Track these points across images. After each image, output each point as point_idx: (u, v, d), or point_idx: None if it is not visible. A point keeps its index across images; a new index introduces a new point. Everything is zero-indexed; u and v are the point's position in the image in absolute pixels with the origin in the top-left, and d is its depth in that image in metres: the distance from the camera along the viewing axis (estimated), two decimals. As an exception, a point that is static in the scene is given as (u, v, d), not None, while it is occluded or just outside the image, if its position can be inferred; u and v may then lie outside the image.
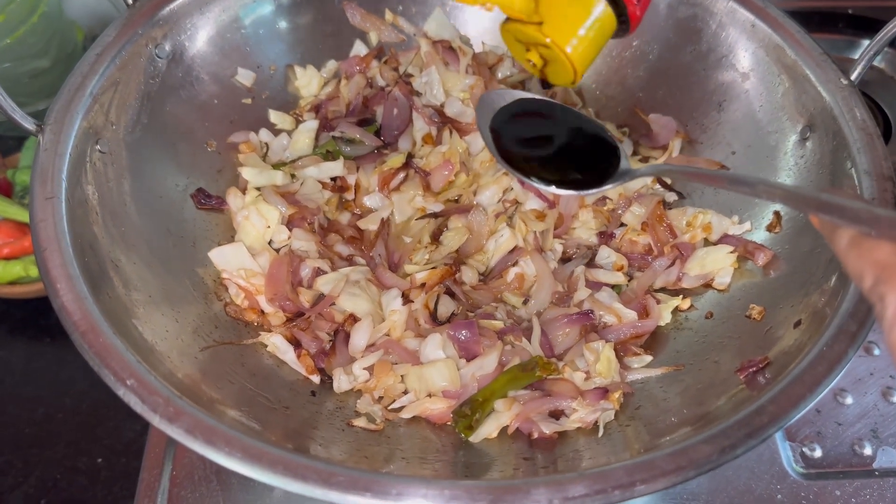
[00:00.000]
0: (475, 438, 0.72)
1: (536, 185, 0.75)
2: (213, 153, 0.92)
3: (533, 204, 0.91)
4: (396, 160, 0.92)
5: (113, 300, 0.67)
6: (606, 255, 0.89)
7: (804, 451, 0.87)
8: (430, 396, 0.76)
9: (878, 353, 0.95)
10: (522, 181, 0.75)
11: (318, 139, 0.96)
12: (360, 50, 1.03)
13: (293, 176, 0.92)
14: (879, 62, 1.25)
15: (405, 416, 0.75)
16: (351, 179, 0.93)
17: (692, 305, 0.84)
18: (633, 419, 0.73)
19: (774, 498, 0.83)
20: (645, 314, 0.83)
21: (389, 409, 0.76)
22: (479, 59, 1.02)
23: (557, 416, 0.75)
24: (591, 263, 0.89)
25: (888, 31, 0.78)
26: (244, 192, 0.89)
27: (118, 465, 0.91)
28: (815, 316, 0.69)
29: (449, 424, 0.75)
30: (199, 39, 0.90)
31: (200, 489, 0.82)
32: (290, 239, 0.86)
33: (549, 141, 0.79)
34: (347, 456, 0.66)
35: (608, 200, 0.92)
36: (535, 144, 0.79)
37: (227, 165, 0.93)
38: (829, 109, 0.79)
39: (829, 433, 0.89)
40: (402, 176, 0.93)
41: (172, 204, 0.85)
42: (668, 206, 0.92)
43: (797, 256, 0.79)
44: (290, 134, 0.97)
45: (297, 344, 0.80)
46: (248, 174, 0.90)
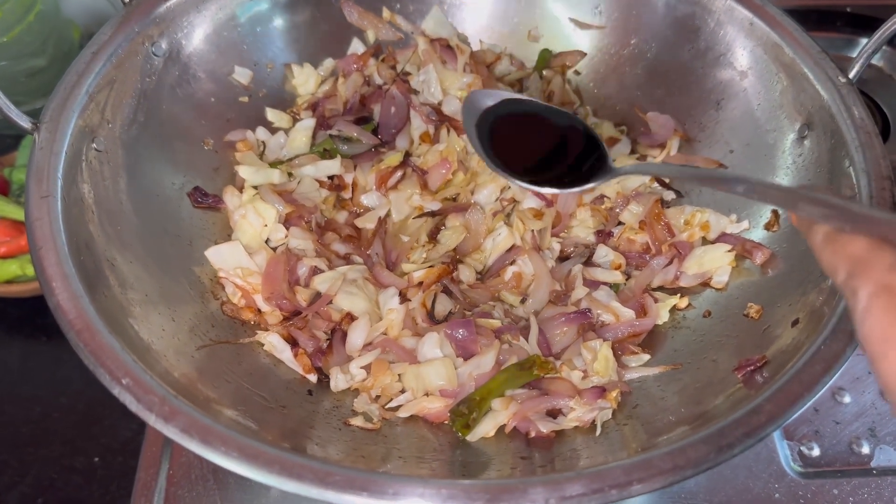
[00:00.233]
0: (472, 437, 0.72)
1: (522, 184, 0.75)
2: (209, 151, 0.92)
3: (531, 202, 0.91)
4: (394, 158, 0.92)
5: (109, 299, 0.67)
6: (604, 253, 0.89)
7: (802, 449, 0.87)
8: (427, 395, 0.75)
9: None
10: (509, 180, 0.75)
11: (315, 137, 0.96)
12: (357, 48, 1.02)
13: (290, 174, 0.92)
14: (878, 61, 1.25)
15: (402, 415, 0.75)
16: (348, 178, 0.93)
17: (690, 304, 0.84)
18: (630, 418, 0.73)
19: (772, 497, 0.83)
20: (643, 313, 0.83)
21: (386, 408, 0.76)
22: (476, 57, 1.02)
23: (555, 415, 0.75)
24: (588, 262, 0.88)
25: (886, 29, 0.78)
26: (241, 190, 0.89)
27: (115, 464, 0.91)
28: (812, 315, 0.69)
29: (446, 423, 0.74)
30: (195, 37, 0.89)
31: (197, 488, 0.81)
32: (287, 237, 0.86)
33: (534, 140, 0.79)
34: (344, 455, 0.66)
35: (606, 199, 0.92)
36: (521, 143, 0.79)
37: (223, 164, 0.92)
38: (827, 108, 0.79)
39: (826, 432, 0.89)
40: (399, 174, 0.93)
41: (169, 202, 0.84)
42: (666, 204, 0.92)
43: (795, 255, 0.79)
44: (287, 132, 0.97)
45: (293, 343, 0.80)
46: (244, 173, 0.90)
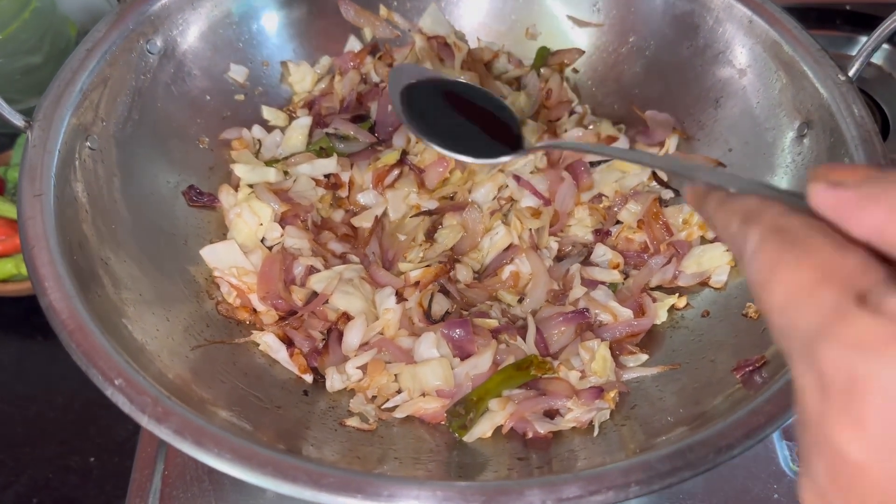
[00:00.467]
0: (469, 438, 0.72)
1: (437, 148, 0.74)
2: (205, 150, 0.91)
3: (528, 201, 0.91)
4: (391, 157, 0.92)
5: (102, 299, 0.67)
6: (602, 252, 0.88)
7: (801, 450, 0.87)
8: (423, 396, 0.75)
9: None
10: (426, 143, 0.74)
11: (311, 136, 0.95)
12: (354, 46, 1.02)
13: (286, 173, 0.92)
14: (878, 59, 1.24)
15: (399, 415, 0.74)
16: (345, 176, 0.92)
17: (688, 304, 0.84)
18: (628, 419, 0.73)
19: (771, 497, 0.83)
20: (641, 313, 0.82)
21: (383, 408, 0.75)
22: (474, 54, 1.01)
23: (552, 415, 0.74)
24: (586, 261, 0.88)
25: (886, 27, 0.77)
26: (236, 189, 0.88)
27: (110, 463, 0.90)
28: (812, 315, 0.68)
29: (443, 424, 0.74)
30: (190, 35, 0.89)
31: (192, 489, 0.81)
32: (282, 237, 0.86)
33: (457, 114, 0.78)
34: (340, 456, 0.66)
35: (604, 198, 0.91)
36: (443, 115, 0.78)
37: (219, 162, 0.92)
38: (826, 106, 0.79)
39: (826, 432, 0.88)
40: (396, 173, 0.92)
41: (163, 201, 0.84)
42: (664, 203, 0.91)
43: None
44: (283, 130, 0.96)
45: (289, 343, 0.79)
46: (240, 171, 0.89)
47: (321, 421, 0.72)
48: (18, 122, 0.73)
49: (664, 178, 0.93)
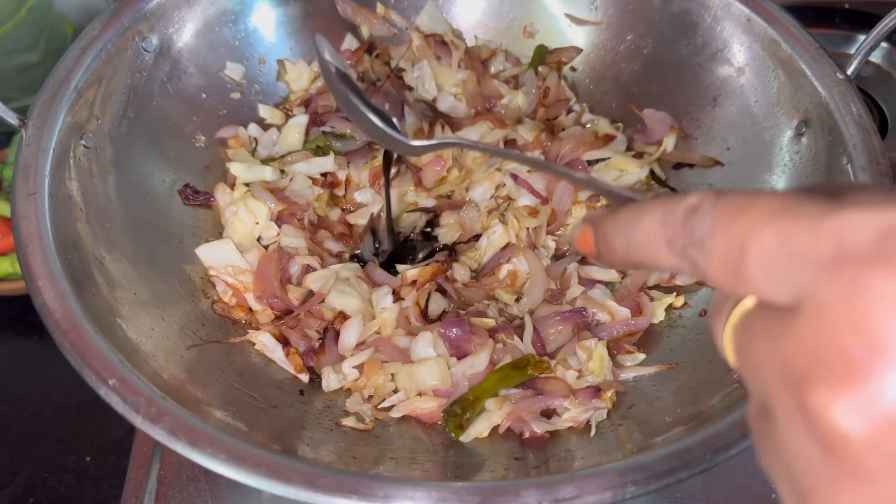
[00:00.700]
0: (466, 438, 0.71)
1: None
2: (201, 148, 0.91)
3: (526, 200, 0.90)
4: (388, 155, 0.91)
5: (97, 298, 0.66)
6: (600, 251, 0.88)
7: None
8: (420, 395, 0.75)
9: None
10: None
11: (308, 134, 0.95)
12: (351, 44, 1.01)
13: (282, 171, 0.91)
14: (876, 58, 1.24)
15: (395, 415, 0.74)
16: (341, 175, 0.92)
17: (686, 303, 0.83)
18: (625, 418, 0.72)
19: (769, 497, 0.82)
20: (638, 312, 0.82)
21: (379, 408, 0.75)
22: (471, 53, 1.01)
23: (549, 415, 0.74)
24: (584, 260, 0.87)
25: (885, 25, 0.77)
26: (232, 187, 0.88)
27: (107, 463, 0.90)
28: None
29: (439, 424, 0.74)
30: (186, 32, 0.88)
31: (188, 489, 0.81)
32: (279, 235, 0.85)
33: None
34: (336, 457, 0.65)
35: (601, 196, 0.91)
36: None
37: (215, 161, 0.91)
38: (824, 104, 0.78)
39: (824, 432, 0.88)
40: (393, 171, 0.92)
41: (159, 200, 0.83)
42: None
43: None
44: (279, 129, 0.95)
45: (285, 342, 0.79)
46: (236, 170, 0.89)
47: (317, 421, 0.72)
48: (13, 120, 0.72)
49: (662, 177, 0.93)
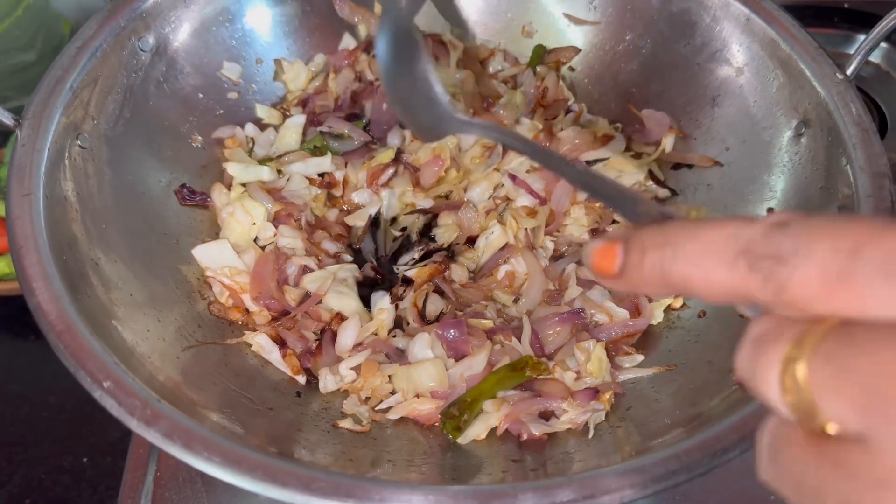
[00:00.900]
0: (463, 440, 0.71)
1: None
2: (197, 148, 0.90)
3: (524, 200, 0.90)
4: (385, 156, 0.91)
5: (92, 300, 0.66)
6: (598, 252, 0.87)
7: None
8: (417, 397, 0.74)
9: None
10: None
11: (305, 134, 0.94)
12: (348, 43, 1.01)
13: (280, 172, 0.91)
14: (876, 58, 1.23)
15: (392, 417, 0.74)
16: (339, 175, 0.91)
17: (685, 304, 0.83)
18: (624, 420, 0.72)
19: (768, 499, 0.82)
20: (637, 313, 0.81)
21: (376, 409, 0.75)
22: (469, 53, 1.00)
23: (547, 416, 0.74)
24: (582, 261, 0.87)
25: (884, 25, 0.76)
26: (229, 188, 0.87)
27: (103, 464, 0.89)
28: (809, 316, 0.68)
29: (437, 426, 0.73)
30: (183, 32, 0.88)
31: (185, 491, 0.80)
32: (276, 236, 0.85)
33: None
34: (333, 459, 0.65)
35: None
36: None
37: (212, 161, 0.91)
38: (824, 105, 0.78)
39: (823, 433, 0.88)
40: (391, 172, 0.91)
41: (155, 200, 0.83)
42: (660, 202, 0.91)
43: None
44: (276, 129, 0.95)
45: (282, 343, 0.78)
46: (233, 170, 0.88)
47: (314, 423, 0.71)
48: (8, 120, 0.72)
49: (661, 177, 0.93)
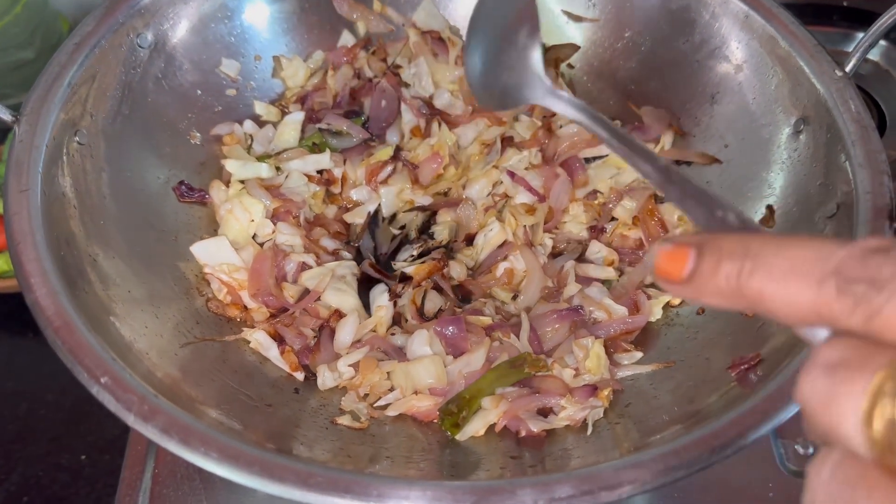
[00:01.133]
0: (462, 436, 0.71)
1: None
2: (196, 145, 0.90)
3: (523, 198, 0.90)
4: (384, 153, 0.91)
5: (89, 296, 0.66)
6: (597, 249, 0.87)
7: (797, 448, 0.86)
8: (416, 394, 0.74)
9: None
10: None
11: (304, 131, 0.94)
12: (347, 40, 1.01)
13: (278, 169, 0.91)
14: (875, 56, 1.24)
15: (391, 413, 0.74)
16: (337, 172, 0.91)
17: (683, 301, 0.83)
18: (622, 417, 0.72)
19: (766, 496, 0.82)
20: (635, 310, 0.82)
21: (375, 406, 0.74)
22: (468, 50, 1.00)
23: (546, 413, 0.74)
24: (581, 258, 0.87)
25: (882, 23, 0.76)
26: (228, 184, 0.87)
27: (101, 461, 0.89)
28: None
29: (435, 422, 0.73)
30: (181, 29, 0.88)
31: (183, 487, 0.80)
32: (274, 233, 0.85)
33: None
34: (331, 455, 0.65)
35: (599, 194, 0.91)
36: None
37: (210, 158, 0.91)
38: (823, 102, 0.78)
39: (821, 431, 0.88)
40: (390, 169, 0.91)
41: (153, 197, 0.83)
42: (659, 200, 0.91)
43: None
44: (275, 126, 0.95)
45: (280, 340, 0.78)
46: (231, 167, 0.88)
47: (312, 419, 0.71)
48: (6, 116, 0.72)
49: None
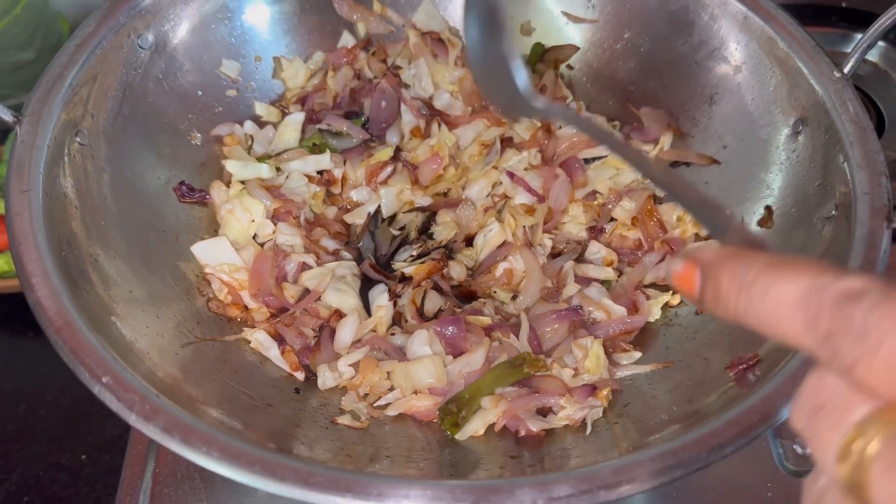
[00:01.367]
0: (461, 436, 0.71)
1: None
2: (196, 146, 0.91)
3: (522, 198, 0.90)
4: (384, 153, 0.91)
5: (91, 296, 0.66)
6: (596, 250, 0.88)
7: (795, 448, 0.86)
8: (416, 393, 0.74)
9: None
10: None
11: (304, 132, 0.94)
12: (347, 41, 1.01)
13: (278, 169, 0.91)
14: (873, 57, 1.24)
15: (391, 413, 0.74)
16: (338, 173, 0.91)
17: (682, 301, 0.83)
18: (621, 416, 0.72)
19: (765, 496, 0.82)
20: (634, 310, 0.82)
21: (375, 406, 0.75)
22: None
23: (545, 413, 0.74)
24: (580, 258, 0.88)
25: (881, 24, 0.77)
26: (228, 185, 0.88)
27: (101, 461, 0.89)
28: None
29: (435, 422, 0.73)
30: (182, 29, 0.88)
31: (183, 487, 0.80)
32: (274, 233, 0.85)
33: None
34: (331, 455, 0.65)
35: (598, 195, 0.91)
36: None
37: (210, 158, 0.91)
38: (821, 103, 0.78)
39: (820, 430, 0.88)
40: (389, 169, 0.92)
41: (154, 197, 0.83)
42: (658, 200, 0.91)
43: (789, 252, 0.78)
44: (275, 126, 0.95)
45: (280, 340, 0.78)
46: (232, 167, 0.88)
47: (312, 419, 0.71)
48: (7, 117, 0.72)
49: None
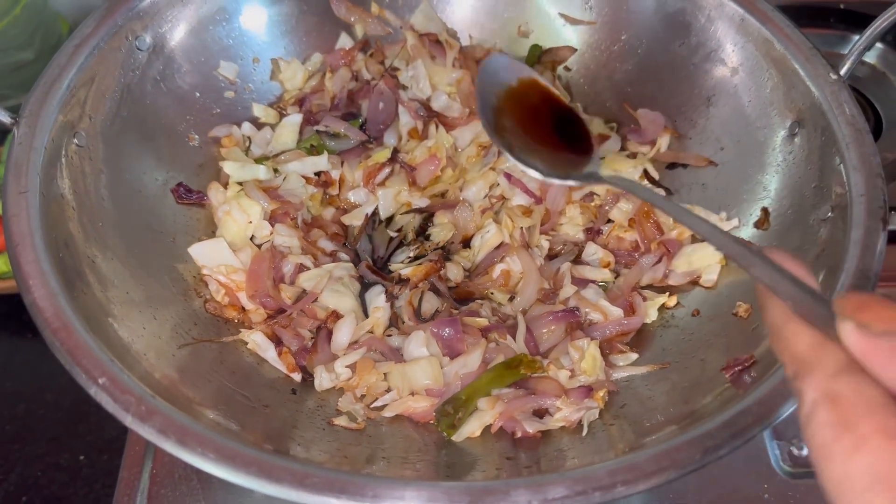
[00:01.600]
0: (458, 437, 0.72)
1: (513, 159, 0.72)
2: (194, 147, 0.91)
3: (519, 200, 0.90)
4: (382, 155, 0.91)
5: (88, 297, 0.66)
6: (593, 251, 0.88)
7: (792, 450, 0.86)
8: (412, 395, 0.75)
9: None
10: (502, 150, 0.73)
11: (302, 133, 0.94)
12: (345, 43, 1.01)
13: (276, 170, 0.91)
14: (870, 58, 1.24)
15: (387, 414, 0.74)
16: (335, 174, 0.92)
17: (679, 303, 0.83)
18: (617, 418, 0.72)
19: (762, 497, 0.83)
20: (631, 311, 0.82)
21: (371, 407, 0.75)
22: (466, 52, 1.00)
23: (541, 414, 0.74)
24: (577, 260, 0.88)
25: (878, 25, 0.77)
26: (226, 186, 0.88)
27: (100, 461, 0.90)
28: (801, 314, 0.68)
29: (431, 423, 0.74)
30: (180, 31, 0.88)
31: (181, 487, 0.81)
32: (272, 234, 0.85)
33: (536, 124, 0.77)
34: (328, 456, 0.65)
35: (595, 196, 0.91)
36: (524, 122, 0.77)
37: (208, 160, 0.91)
38: (818, 105, 0.78)
39: (816, 432, 0.88)
40: (387, 171, 0.92)
41: (152, 199, 0.83)
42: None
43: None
44: (273, 128, 0.95)
45: (277, 341, 0.79)
46: (229, 168, 0.89)
47: (309, 420, 0.72)
48: (5, 118, 0.72)
49: (655, 176, 0.93)
